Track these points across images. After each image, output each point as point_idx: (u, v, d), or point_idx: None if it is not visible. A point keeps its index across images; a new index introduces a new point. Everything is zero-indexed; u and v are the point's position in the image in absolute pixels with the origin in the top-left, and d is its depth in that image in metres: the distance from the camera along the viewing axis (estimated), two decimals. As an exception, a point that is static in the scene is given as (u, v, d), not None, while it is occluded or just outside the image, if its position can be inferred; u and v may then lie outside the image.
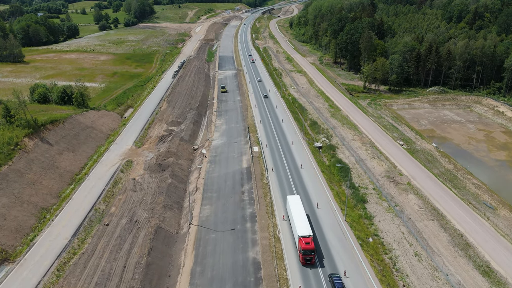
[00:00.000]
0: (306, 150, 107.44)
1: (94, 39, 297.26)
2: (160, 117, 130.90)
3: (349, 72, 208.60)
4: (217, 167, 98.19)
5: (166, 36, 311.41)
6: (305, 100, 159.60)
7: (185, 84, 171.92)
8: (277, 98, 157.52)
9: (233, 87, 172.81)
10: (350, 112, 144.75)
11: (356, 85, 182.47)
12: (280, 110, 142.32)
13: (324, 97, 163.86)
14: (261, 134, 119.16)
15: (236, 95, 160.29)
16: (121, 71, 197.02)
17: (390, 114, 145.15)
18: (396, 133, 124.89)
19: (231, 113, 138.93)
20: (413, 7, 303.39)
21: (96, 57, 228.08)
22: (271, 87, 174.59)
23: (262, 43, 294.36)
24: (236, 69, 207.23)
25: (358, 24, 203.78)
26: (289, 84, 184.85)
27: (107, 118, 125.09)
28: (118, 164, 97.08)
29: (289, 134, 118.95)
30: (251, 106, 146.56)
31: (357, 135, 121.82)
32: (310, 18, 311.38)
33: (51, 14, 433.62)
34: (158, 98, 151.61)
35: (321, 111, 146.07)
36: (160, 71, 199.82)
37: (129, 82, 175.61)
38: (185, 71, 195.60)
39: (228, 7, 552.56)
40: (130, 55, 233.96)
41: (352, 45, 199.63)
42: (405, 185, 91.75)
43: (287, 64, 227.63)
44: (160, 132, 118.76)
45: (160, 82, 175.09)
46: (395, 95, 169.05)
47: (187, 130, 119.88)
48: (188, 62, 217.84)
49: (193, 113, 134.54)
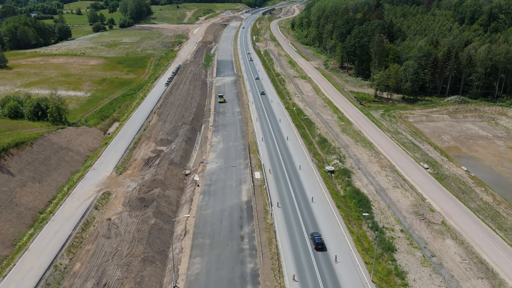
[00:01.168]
0: (317, 177, 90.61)
1: (87, 41, 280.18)
2: (149, 134, 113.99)
3: (357, 78, 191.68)
4: (211, 201, 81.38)
5: (163, 38, 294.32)
6: (311, 111, 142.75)
7: (179, 93, 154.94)
8: (281, 110, 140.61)
9: (232, 96, 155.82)
10: (363, 126, 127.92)
11: (366, 93, 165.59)
12: (285, 124, 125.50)
13: (332, 108, 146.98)
14: (263, 155, 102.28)
15: (235, 106, 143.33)
16: (111, 77, 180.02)
17: (408, 129, 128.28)
18: (418, 153, 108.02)
19: (229, 128, 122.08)
20: (421, 7, 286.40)
21: (86, 61, 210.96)
22: (274, 96, 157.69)
23: (263, 46, 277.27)
24: (236, 75, 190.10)
25: (367, 26, 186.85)
26: (293, 92, 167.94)
27: (87, 136, 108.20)
28: (92, 197, 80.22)
29: (296, 155, 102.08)
30: (251, 119, 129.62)
31: (373, 156, 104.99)
32: (313, 19, 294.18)
33: (45, 15, 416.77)
34: (148, 110, 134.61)
35: (330, 124, 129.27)
36: (153, 77, 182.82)
37: (118, 90, 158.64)
38: (180, 78, 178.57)
39: (228, 7, 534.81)
40: (122, 59, 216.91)
41: (360, 49, 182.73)
42: (439, 225, 74.90)
43: (290, 69, 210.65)
44: (146, 153, 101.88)
45: (151, 91, 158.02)
46: (410, 105, 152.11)
47: (178, 150, 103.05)
48: (184, 67, 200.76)
49: (186, 129, 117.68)
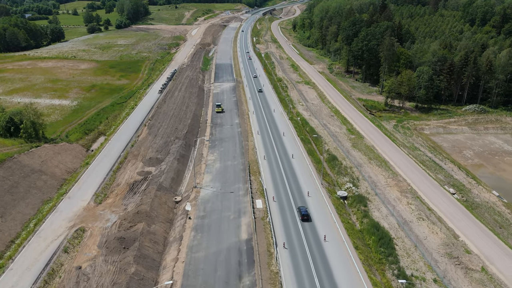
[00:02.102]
0: (328, 206, 77.26)
1: (80, 43, 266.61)
2: (136, 151, 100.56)
3: (365, 84, 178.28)
4: (204, 239, 68.06)
5: (159, 40, 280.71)
6: (317, 122, 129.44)
7: (173, 101, 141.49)
8: (284, 121, 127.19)
9: (231, 105, 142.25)
10: (375, 140, 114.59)
11: (375, 101, 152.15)
12: (289, 138, 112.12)
13: (340, 118, 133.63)
14: (266, 177, 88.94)
15: (234, 116, 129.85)
16: (101, 83, 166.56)
17: (425, 143, 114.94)
18: (441, 173, 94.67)
19: (227, 143, 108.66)
20: (429, 8, 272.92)
21: (76, 65, 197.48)
22: (276, 105, 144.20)
23: (263, 48, 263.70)
24: (235, 80, 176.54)
25: (375, 28, 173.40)
26: (297, 99, 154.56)
27: (66, 154, 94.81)
28: (63, 236, 66.90)
29: (303, 178, 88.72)
30: (252, 132, 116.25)
31: (391, 178, 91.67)
32: (315, 20, 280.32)
33: (40, 15, 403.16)
34: (138, 122, 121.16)
35: (339, 138, 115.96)
36: (146, 83, 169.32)
37: (107, 99, 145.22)
38: (175, 84, 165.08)
39: (228, 7, 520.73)
40: (115, 63, 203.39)
41: (368, 53, 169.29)
42: (479, 272, 61.69)
43: (293, 74, 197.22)
44: (132, 175, 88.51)
45: (143, 99, 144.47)
46: (425, 115, 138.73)
47: (168, 171, 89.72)
48: (180, 71, 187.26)
49: (179, 144, 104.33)
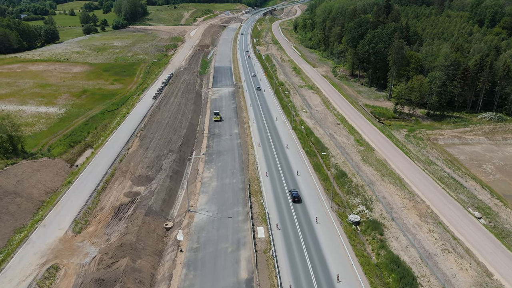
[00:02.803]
0: (339, 235, 67.38)
1: (75, 45, 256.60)
2: (125, 167, 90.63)
3: (371, 88, 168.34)
4: (198, 279, 58.07)
5: (157, 41, 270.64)
6: (322, 131, 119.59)
7: (168, 108, 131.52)
8: (287, 130, 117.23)
9: (230, 112, 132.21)
10: (387, 152, 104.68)
11: (383, 108, 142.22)
12: (293, 151, 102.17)
13: (347, 127, 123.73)
14: (268, 199, 79.06)
15: (233, 126, 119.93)
16: (93, 88, 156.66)
17: (440, 156, 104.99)
18: (463, 193, 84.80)
19: (225, 156, 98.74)
20: (434, 8, 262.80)
21: (68, 68, 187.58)
22: (278, 112, 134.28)
23: (264, 50, 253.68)
24: (234, 85, 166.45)
25: (382, 30, 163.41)
26: (300, 106, 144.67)
27: (46, 172, 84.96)
28: (32, 276, 57.06)
29: (310, 199, 78.78)
30: (252, 144, 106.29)
31: (408, 199, 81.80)
32: (318, 21, 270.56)
33: (36, 16, 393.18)
34: (129, 133, 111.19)
35: (347, 150, 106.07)
36: (141, 88, 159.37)
37: (98, 105, 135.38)
38: (171, 89, 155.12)
39: (228, 7, 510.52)
40: (109, 66, 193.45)
41: (375, 56, 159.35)
42: (522, 323, 51.99)
43: (295, 77, 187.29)
44: (118, 197, 78.64)
45: (136, 106, 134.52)
46: (437, 123, 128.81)
47: (159, 191, 79.89)
48: (176, 75, 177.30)
49: (173, 159, 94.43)
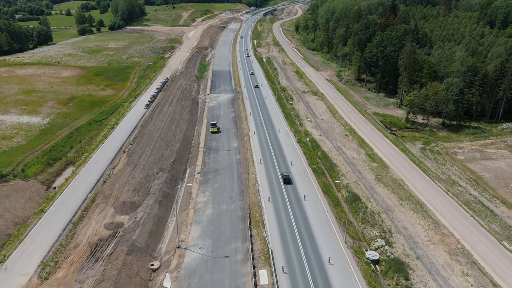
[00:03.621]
0: (357, 279, 56.12)
1: (68, 47, 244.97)
2: (109, 191, 79.21)
3: (379, 94, 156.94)
4: None
5: (153, 43, 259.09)
6: (330, 144, 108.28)
7: (161, 118, 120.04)
8: (291, 144, 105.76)
9: (229, 123, 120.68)
10: (403, 170, 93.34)
11: (394, 116, 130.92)
12: (298, 169, 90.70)
13: (356, 139, 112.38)
14: (272, 231, 67.68)
15: (232, 138, 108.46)
16: (82, 94, 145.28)
17: (463, 174, 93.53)
18: (495, 222, 73.39)
19: (223, 176, 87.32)
20: (442, 8, 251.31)
21: (58, 72, 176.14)
22: (281, 122, 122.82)
23: (265, 52, 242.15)
24: (234, 91, 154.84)
25: (391, 32, 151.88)
26: (304, 114, 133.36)
27: (17, 197, 73.60)
28: None
29: (321, 233, 67.26)
30: (253, 160, 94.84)
31: (433, 230, 70.45)
32: (320, 21, 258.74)
33: (31, 16, 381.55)
34: (116, 147, 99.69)
35: (358, 167, 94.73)
36: (133, 94, 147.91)
37: (85, 115, 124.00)
38: (166, 96, 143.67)
39: (227, 7, 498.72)
40: (102, 70, 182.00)
41: (384, 60, 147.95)
42: None
43: (298, 82, 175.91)
44: (98, 229, 67.26)
45: (127, 115, 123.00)
46: (455, 134, 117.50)
47: (146, 222, 68.59)
48: (172, 80, 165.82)
49: (164, 179, 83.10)
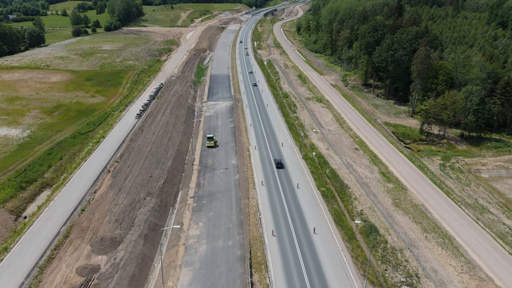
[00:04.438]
0: None
1: (61, 49, 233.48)
2: (86, 222, 67.78)
3: (389, 101, 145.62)
4: None
5: (150, 45, 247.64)
6: (338, 159, 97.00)
7: (153, 130, 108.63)
8: (296, 160, 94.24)
9: (227, 135, 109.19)
10: (423, 192, 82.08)
11: (407, 127, 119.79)
12: (306, 194, 79.20)
13: (367, 153, 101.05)
14: (276, 276, 56.36)
15: (231, 154, 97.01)
16: (70, 102, 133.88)
17: (491, 197, 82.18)
18: (538, 262, 62.41)
19: (219, 202, 75.88)
20: (450, 9, 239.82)
21: (46, 77, 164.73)
22: (284, 133, 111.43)
23: (266, 54, 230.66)
24: (233, 97, 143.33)
25: (401, 35, 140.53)
26: (309, 124, 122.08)
27: (-23, 232, 62.31)
28: None
29: (335, 280, 55.92)
30: (254, 182, 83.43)
31: (467, 273, 59.12)
32: (323, 22, 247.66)
33: (26, 17, 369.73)
34: (101, 165, 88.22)
35: (373, 189, 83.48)
36: (125, 101, 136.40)
37: (71, 125, 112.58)
38: (159, 104, 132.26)
39: (227, 7, 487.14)
40: (93, 74, 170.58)
41: (394, 65, 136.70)
42: None
43: (301, 87, 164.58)
44: (68, 275, 55.78)
45: (115, 127, 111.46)
46: (475, 148, 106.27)
47: (127, 264, 57.27)
48: (167, 85, 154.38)
49: (151, 207, 71.76)
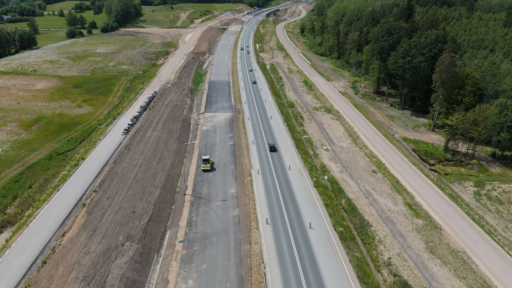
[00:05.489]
0: None
1: (52, 52, 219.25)
2: (46, 281, 53.07)
3: (404, 112, 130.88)
4: None
5: (147, 47, 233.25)
6: (355, 186, 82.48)
7: (141, 149, 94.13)
8: (306, 189, 79.35)
9: (226, 155, 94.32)
10: (462, 234, 67.38)
11: (429, 144, 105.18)
12: (320, 236, 64.47)
13: (388, 178, 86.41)
14: None
15: (229, 180, 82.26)
16: (52, 113, 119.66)
17: (542, 237, 67.91)
18: None
19: (214, 249, 61.25)
20: (463, 9, 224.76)
21: (31, 83, 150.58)
22: (291, 152, 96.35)
23: (268, 58, 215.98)
24: (233, 108, 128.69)
25: (419, 39, 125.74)
26: (318, 139, 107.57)
27: None
28: None
29: None
30: (257, 218, 68.62)
31: None
32: (329, 24, 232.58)
33: (22, 17, 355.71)
34: (76, 195, 73.50)
35: (400, 227, 68.89)
36: (114, 113, 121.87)
37: (49, 143, 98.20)
38: (151, 116, 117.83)
39: (228, 8, 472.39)
40: (83, 80, 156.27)
41: (412, 72, 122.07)
42: None
43: (307, 94, 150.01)
44: None
45: (98, 145, 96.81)
46: (511, 170, 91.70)
47: None
48: (161, 94, 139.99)
49: (130, 256, 57.31)
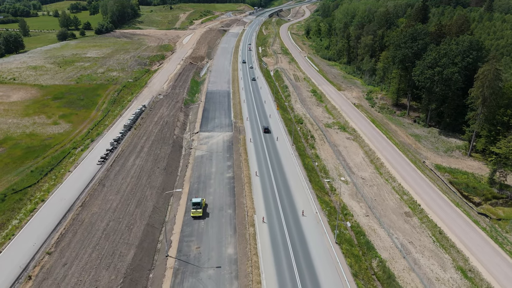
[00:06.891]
0: None
1: (39, 56, 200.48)
2: None
3: (431, 130, 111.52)
4: None
5: (141, 51, 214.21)
6: (386, 238, 63.41)
7: (118, 186, 74.95)
8: (326, 250, 59.80)
9: (222, 192, 74.78)
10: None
11: (469, 173, 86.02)
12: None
13: (427, 225, 67.26)
14: None
15: (226, 233, 62.83)
16: (22, 132, 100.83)
17: None
18: None
19: None
20: (482, 10, 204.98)
21: (6, 95, 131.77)
22: (303, 189, 76.53)
23: (272, 62, 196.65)
24: (233, 126, 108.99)
25: (449, 46, 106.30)
26: (334, 166, 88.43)
27: None
28: None
29: None
30: (263, 299, 50.08)
31: None
32: (337, 26, 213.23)
33: (15, 18, 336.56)
34: (22, 261, 54.18)
35: (456, 310, 50.05)
36: (94, 132, 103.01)
37: (8, 175, 79.20)
38: (136, 137, 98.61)
39: (230, 8, 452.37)
40: (65, 90, 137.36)
41: (443, 84, 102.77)
42: None
43: (317, 107, 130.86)
44: None
45: (66, 180, 77.39)
46: None
47: None
48: (151, 108, 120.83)
49: None
